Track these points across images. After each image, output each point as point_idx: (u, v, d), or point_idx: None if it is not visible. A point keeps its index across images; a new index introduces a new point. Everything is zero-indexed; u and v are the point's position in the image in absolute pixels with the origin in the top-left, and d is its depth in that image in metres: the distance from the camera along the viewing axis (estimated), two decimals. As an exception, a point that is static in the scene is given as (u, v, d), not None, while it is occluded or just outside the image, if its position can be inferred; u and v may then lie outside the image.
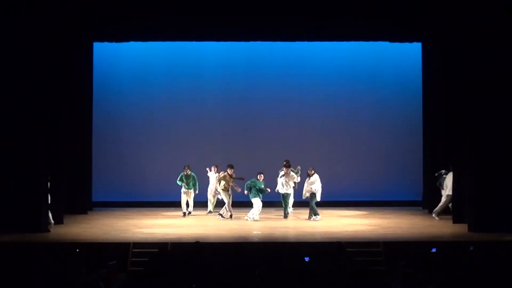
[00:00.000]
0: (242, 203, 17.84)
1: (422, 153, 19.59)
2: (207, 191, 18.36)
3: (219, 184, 17.28)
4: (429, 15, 16.68)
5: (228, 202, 17.15)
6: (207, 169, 18.37)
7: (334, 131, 20.38)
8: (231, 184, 17.17)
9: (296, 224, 16.46)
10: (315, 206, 16.89)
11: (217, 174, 17.91)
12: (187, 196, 17.76)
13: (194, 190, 17.88)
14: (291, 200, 17.68)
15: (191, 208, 17.91)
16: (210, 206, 18.28)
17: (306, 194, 16.95)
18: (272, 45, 19.76)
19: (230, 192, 17.23)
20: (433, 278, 10.16)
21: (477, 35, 15.22)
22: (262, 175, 17.07)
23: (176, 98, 20.30)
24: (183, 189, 17.70)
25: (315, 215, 16.80)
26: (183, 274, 10.11)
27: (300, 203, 17.98)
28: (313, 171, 17.00)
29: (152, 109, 20.28)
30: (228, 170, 17.26)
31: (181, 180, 17.60)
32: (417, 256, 12.04)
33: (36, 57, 15.39)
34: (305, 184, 17.00)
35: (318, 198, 16.88)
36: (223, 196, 17.28)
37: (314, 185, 16.86)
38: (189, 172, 17.65)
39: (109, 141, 20.12)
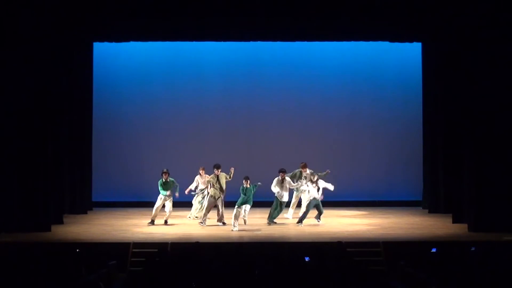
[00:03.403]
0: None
1: (422, 153, 19.59)
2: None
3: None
4: (429, 15, 16.69)
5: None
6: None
7: (334, 131, 20.39)
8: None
9: (296, 225, 16.42)
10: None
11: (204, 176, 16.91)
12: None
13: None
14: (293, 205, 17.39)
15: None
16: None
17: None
18: (272, 45, 19.76)
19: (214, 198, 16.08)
20: (433, 278, 10.16)
21: (477, 35, 15.22)
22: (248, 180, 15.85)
23: (176, 98, 20.31)
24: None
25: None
26: (183, 274, 10.11)
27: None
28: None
29: (152, 109, 20.28)
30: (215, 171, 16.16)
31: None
32: (417, 256, 12.05)
33: (36, 57, 15.39)
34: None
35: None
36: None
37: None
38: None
39: (109, 141, 20.12)
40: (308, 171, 17.00)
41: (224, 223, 16.21)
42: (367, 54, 20.18)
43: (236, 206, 15.69)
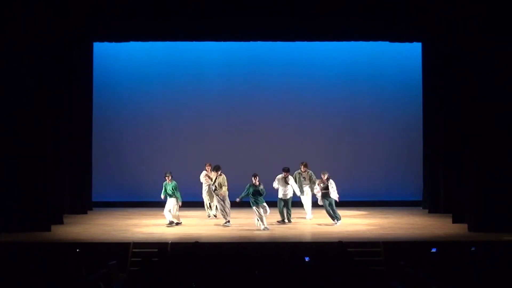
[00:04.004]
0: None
1: (422, 153, 19.58)
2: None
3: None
4: (429, 15, 16.69)
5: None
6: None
7: (334, 131, 20.37)
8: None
9: (296, 224, 16.44)
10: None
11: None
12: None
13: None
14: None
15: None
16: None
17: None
18: (272, 45, 19.74)
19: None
20: (433, 278, 10.16)
21: (477, 35, 15.22)
22: (257, 178, 15.76)
23: (176, 98, 20.29)
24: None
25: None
26: (182, 274, 10.11)
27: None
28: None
29: (152, 109, 20.27)
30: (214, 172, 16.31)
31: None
32: (417, 256, 12.05)
33: (36, 57, 15.40)
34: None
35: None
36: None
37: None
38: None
39: (109, 141, 20.11)
40: (305, 170, 17.01)
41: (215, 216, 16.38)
42: (367, 54, 20.17)
43: (254, 208, 15.55)
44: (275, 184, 16.56)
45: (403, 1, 16.36)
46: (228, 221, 16.07)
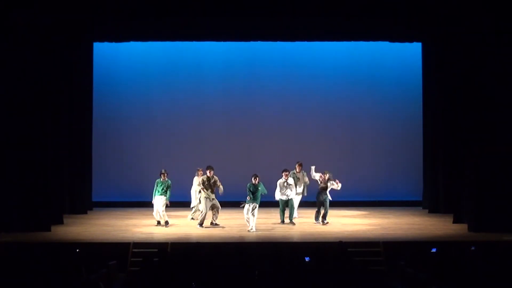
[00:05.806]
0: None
1: (422, 153, 19.58)
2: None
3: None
4: (429, 15, 16.69)
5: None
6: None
7: (334, 131, 20.38)
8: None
9: (296, 224, 16.43)
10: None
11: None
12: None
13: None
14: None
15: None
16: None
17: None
18: (272, 45, 19.75)
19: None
20: (433, 278, 10.16)
21: (477, 35, 15.23)
22: (257, 178, 15.62)
23: (176, 98, 20.30)
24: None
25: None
26: (183, 274, 10.12)
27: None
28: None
29: (152, 109, 20.27)
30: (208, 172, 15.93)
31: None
32: (417, 256, 12.05)
33: (36, 57, 15.41)
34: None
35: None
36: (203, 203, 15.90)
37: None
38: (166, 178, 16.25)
39: (109, 141, 20.11)
40: (300, 170, 17.02)
41: (217, 225, 16.10)
42: (367, 54, 20.17)
43: (246, 207, 15.48)
44: (277, 194, 16.28)
45: (403, 1, 16.36)
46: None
